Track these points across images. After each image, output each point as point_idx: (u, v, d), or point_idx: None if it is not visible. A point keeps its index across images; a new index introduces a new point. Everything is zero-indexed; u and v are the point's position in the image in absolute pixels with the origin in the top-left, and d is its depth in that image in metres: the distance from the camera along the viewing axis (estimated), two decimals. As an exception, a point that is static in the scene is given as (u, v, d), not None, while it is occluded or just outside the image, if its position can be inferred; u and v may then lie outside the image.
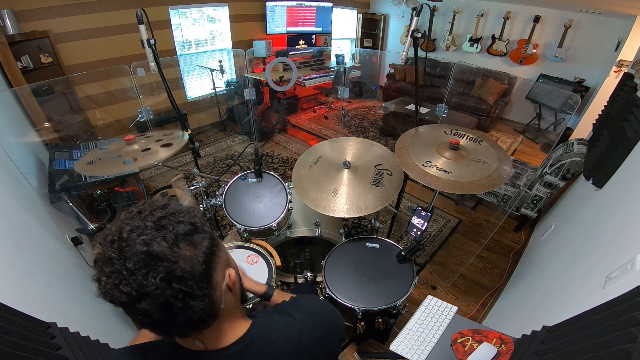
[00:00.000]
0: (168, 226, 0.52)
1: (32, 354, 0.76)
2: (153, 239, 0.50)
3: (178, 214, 0.55)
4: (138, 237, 0.49)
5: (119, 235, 0.50)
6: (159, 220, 0.52)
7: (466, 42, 5.20)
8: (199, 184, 1.86)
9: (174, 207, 0.56)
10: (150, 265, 0.48)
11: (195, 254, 0.53)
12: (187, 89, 4.23)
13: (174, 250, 0.50)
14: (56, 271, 1.46)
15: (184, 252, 0.51)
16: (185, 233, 0.52)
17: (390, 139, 4.39)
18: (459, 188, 1.33)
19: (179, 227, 0.52)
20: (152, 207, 0.55)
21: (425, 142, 1.56)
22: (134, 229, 0.50)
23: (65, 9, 2.95)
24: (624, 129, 1.64)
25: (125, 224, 0.51)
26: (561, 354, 0.81)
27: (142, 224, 0.51)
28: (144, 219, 0.52)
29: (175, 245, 0.51)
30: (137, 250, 0.48)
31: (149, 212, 0.54)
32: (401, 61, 1.56)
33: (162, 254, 0.49)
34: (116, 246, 0.49)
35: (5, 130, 1.96)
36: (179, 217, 0.54)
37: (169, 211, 0.54)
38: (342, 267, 1.52)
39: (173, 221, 0.53)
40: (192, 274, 0.51)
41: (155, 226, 0.51)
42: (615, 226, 1.28)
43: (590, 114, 3.81)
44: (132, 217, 0.53)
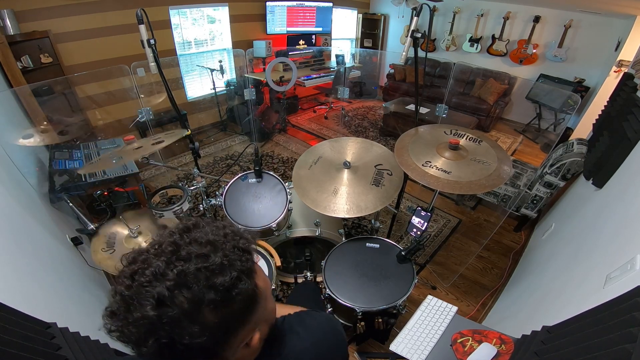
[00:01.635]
0: (194, 287, 0.43)
1: (32, 354, 0.76)
2: (170, 298, 0.42)
3: (216, 273, 0.44)
4: (155, 289, 0.42)
5: (137, 275, 0.43)
6: (185, 275, 0.43)
7: (466, 42, 5.20)
8: (199, 184, 1.86)
9: (216, 260, 0.45)
10: (155, 327, 0.41)
11: (217, 322, 0.44)
12: (187, 89, 4.23)
13: (190, 318, 0.42)
14: (56, 271, 1.46)
15: (202, 320, 0.43)
16: (212, 301, 0.43)
17: (390, 139, 4.39)
18: (458, 188, 1.33)
19: (208, 293, 0.43)
20: (189, 250, 0.45)
21: (425, 142, 1.56)
22: (154, 275, 0.43)
23: (65, 9, 2.95)
24: (624, 129, 1.64)
25: (151, 260, 0.44)
26: (561, 354, 0.81)
27: (164, 270, 0.43)
28: (172, 263, 0.44)
29: (196, 311, 0.42)
30: (147, 305, 0.41)
31: (185, 256, 0.45)
32: (401, 61, 1.56)
33: (174, 320, 0.42)
34: (130, 284, 0.43)
35: (5, 130, 1.96)
36: (215, 279, 0.44)
37: (207, 266, 0.44)
38: (342, 267, 1.52)
39: (204, 283, 0.43)
40: (203, 344, 0.43)
41: (179, 281, 0.42)
42: (615, 226, 1.28)
43: (590, 114, 3.81)
44: (161, 255, 0.45)
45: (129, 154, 1.56)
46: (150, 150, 1.56)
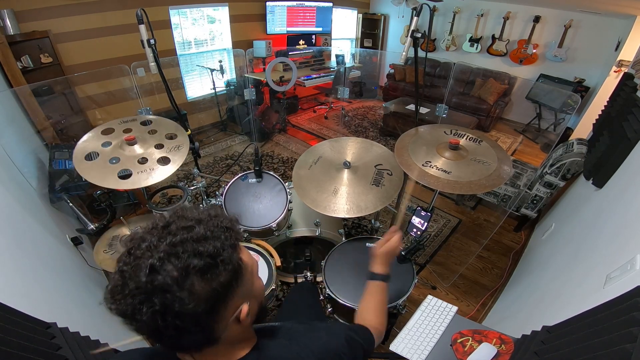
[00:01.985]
0: (181, 255, 0.47)
1: (32, 354, 0.76)
2: (160, 266, 0.46)
3: (200, 241, 0.49)
4: (148, 260, 0.46)
5: (135, 249, 0.48)
6: (174, 245, 0.48)
7: (466, 42, 5.20)
8: (199, 184, 1.86)
9: (199, 231, 0.50)
10: (148, 295, 0.45)
11: (205, 290, 0.48)
12: (187, 89, 4.23)
13: (179, 284, 0.46)
14: (56, 271, 1.46)
15: (191, 287, 0.46)
16: (199, 268, 0.47)
17: (390, 139, 4.39)
18: (458, 188, 1.33)
19: (193, 259, 0.47)
20: (177, 224, 0.51)
21: (426, 142, 1.56)
22: (150, 247, 0.48)
23: (65, 9, 2.95)
24: (624, 129, 1.64)
25: (147, 237, 0.49)
26: (561, 354, 0.81)
27: (156, 243, 0.48)
28: (164, 237, 0.49)
29: (184, 278, 0.46)
30: (140, 274, 0.45)
31: (174, 229, 0.50)
32: (401, 61, 1.56)
33: (165, 286, 0.45)
34: (128, 260, 0.48)
35: (5, 130, 1.96)
36: (200, 247, 0.49)
37: (191, 236, 0.49)
38: (342, 267, 1.52)
39: (190, 250, 0.48)
40: (194, 311, 0.47)
41: (168, 251, 0.47)
42: (615, 226, 1.28)
43: (590, 114, 3.81)
44: (154, 231, 0.50)
45: (132, 163, 1.48)
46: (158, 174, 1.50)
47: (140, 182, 1.43)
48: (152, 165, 1.50)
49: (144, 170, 1.47)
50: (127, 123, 1.66)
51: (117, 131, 1.59)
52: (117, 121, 1.65)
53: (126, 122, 1.66)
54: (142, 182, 1.43)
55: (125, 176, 1.43)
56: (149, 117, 1.73)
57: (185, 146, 1.63)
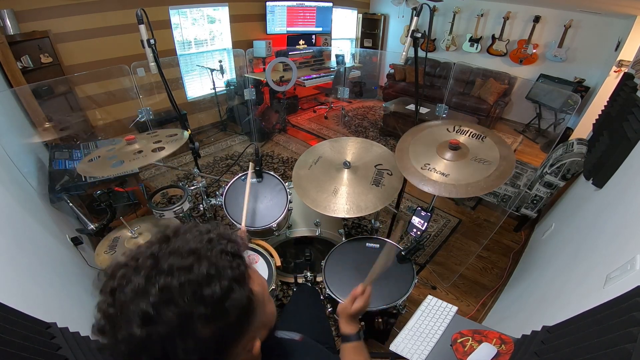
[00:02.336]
0: (180, 302, 0.39)
1: (32, 354, 0.76)
2: (157, 314, 0.38)
3: (202, 285, 0.41)
4: (137, 307, 0.38)
5: (117, 291, 0.40)
6: (169, 291, 0.39)
7: (466, 42, 5.20)
8: (199, 184, 1.86)
9: (201, 270, 0.41)
10: (144, 346, 0.39)
11: (213, 335, 0.41)
12: (187, 89, 4.23)
13: (181, 332, 0.39)
14: (56, 271, 1.46)
15: (195, 334, 0.40)
16: (203, 315, 0.40)
17: (390, 139, 4.39)
18: (455, 192, 1.32)
19: (196, 307, 0.40)
20: (170, 261, 0.42)
21: (426, 142, 1.56)
22: (134, 292, 0.39)
23: (65, 9, 2.95)
24: (624, 129, 1.64)
25: (130, 275, 0.41)
26: (561, 354, 0.81)
27: (145, 286, 0.40)
28: (153, 278, 0.40)
29: (187, 325, 0.39)
30: (132, 324, 0.38)
31: (166, 266, 0.41)
32: (401, 61, 1.56)
33: (164, 336, 0.39)
34: (109, 302, 0.40)
35: (5, 130, 1.96)
36: (202, 291, 0.40)
37: (191, 278, 0.40)
38: (342, 267, 1.52)
39: (189, 296, 0.40)
40: (201, 357, 0.41)
41: (163, 297, 0.39)
42: (615, 226, 1.28)
43: (590, 114, 3.81)
44: (140, 268, 0.41)
45: (128, 157, 1.51)
46: (151, 157, 1.51)
47: (132, 166, 1.49)
48: (146, 153, 1.55)
49: (136, 158, 1.51)
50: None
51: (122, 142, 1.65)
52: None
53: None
54: (133, 165, 1.49)
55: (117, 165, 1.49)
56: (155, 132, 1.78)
57: (180, 138, 1.66)
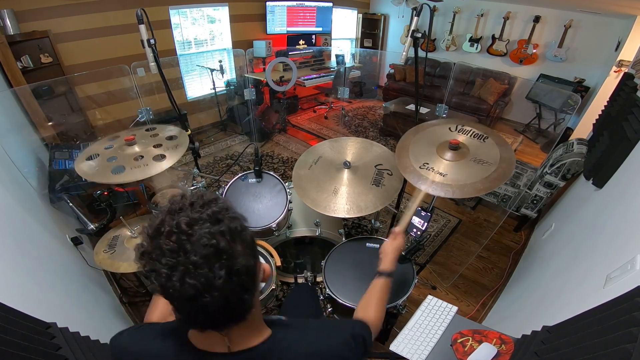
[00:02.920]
0: (224, 220, 0.53)
1: (32, 354, 0.76)
2: (215, 233, 0.50)
3: (229, 209, 0.56)
4: (200, 230, 0.50)
5: (177, 227, 0.50)
6: (215, 215, 0.53)
7: (466, 42, 5.20)
8: (199, 184, 1.86)
9: (224, 202, 0.57)
10: (215, 259, 0.49)
11: (246, 250, 0.54)
12: (187, 89, 4.23)
13: (232, 245, 0.51)
14: (56, 271, 1.46)
15: (239, 247, 0.53)
16: (239, 230, 0.54)
17: (390, 139, 4.39)
18: (451, 192, 1.32)
19: (233, 223, 0.54)
20: (202, 200, 0.55)
21: (427, 141, 1.55)
22: (193, 221, 0.51)
23: (65, 9, 2.95)
24: (624, 129, 1.64)
25: (181, 216, 0.51)
26: (561, 354, 0.81)
27: (198, 216, 0.51)
28: (199, 211, 0.52)
29: (232, 240, 0.52)
30: (202, 243, 0.49)
31: (201, 204, 0.54)
32: (401, 61, 1.56)
33: (224, 249, 0.50)
34: (175, 238, 0.49)
35: (5, 130, 1.96)
36: (232, 214, 0.55)
37: (222, 206, 0.55)
38: (342, 267, 1.52)
39: (228, 216, 0.54)
40: (247, 268, 0.53)
41: (212, 220, 0.52)
42: (615, 226, 1.28)
43: (590, 114, 3.81)
44: (183, 209, 0.53)
45: (129, 163, 1.48)
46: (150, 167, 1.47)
47: (134, 176, 1.44)
48: (147, 162, 1.50)
49: (138, 166, 1.48)
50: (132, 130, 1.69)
51: (121, 137, 1.62)
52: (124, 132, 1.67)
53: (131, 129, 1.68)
54: (135, 176, 1.44)
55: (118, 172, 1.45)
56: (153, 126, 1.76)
57: (183, 146, 1.63)
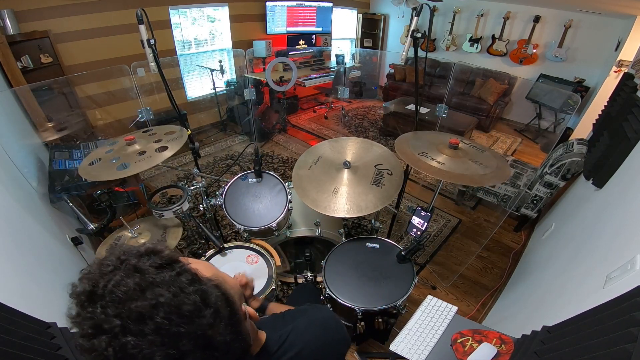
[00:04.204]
0: (184, 332, 0.40)
1: (32, 354, 0.76)
2: (151, 354, 0.38)
3: (180, 308, 0.41)
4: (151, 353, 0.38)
5: (117, 345, 0.37)
6: (165, 331, 0.39)
7: (466, 42, 5.20)
8: (199, 184, 1.86)
9: (165, 300, 0.40)
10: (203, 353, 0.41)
11: (219, 325, 0.44)
12: (187, 89, 4.23)
13: (209, 349, 0.42)
14: (56, 271, 1.46)
15: (217, 338, 0.43)
16: (194, 311, 0.41)
17: (390, 139, 4.39)
18: (447, 177, 1.34)
19: (198, 324, 0.42)
20: (137, 312, 0.38)
21: (428, 141, 1.57)
22: (135, 347, 0.37)
23: (65, 9, 2.95)
24: (624, 129, 1.64)
25: (117, 344, 0.37)
26: (561, 354, 0.81)
27: (140, 341, 0.38)
28: (140, 333, 0.38)
29: (206, 345, 0.42)
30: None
31: (136, 318, 0.38)
32: (401, 61, 1.56)
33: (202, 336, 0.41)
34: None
35: (5, 130, 1.96)
36: (186, 310, 0.41)
37: (167, 311, 0.40)
38: (342, 267, 1.52)
39: (184, 323, 0.40)
40: (225, 342, 0.45)
41: (167, 340, 0.39)
42: (615, 226, 1.28)
43: (590, 114, 3.81)
44: (118, 334, 0.38)
45: (133, 159, 1.51)
46: (156, 159, 1.52)
47: (140, 167, 1.48)
48: (150, 154, 1.54)
49: (142, 159, 1.52)
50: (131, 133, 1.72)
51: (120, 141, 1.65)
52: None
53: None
54: (141, 167, 1.48)
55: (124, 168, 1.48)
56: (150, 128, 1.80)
57: (182, 137, 1.67)
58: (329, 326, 0.73)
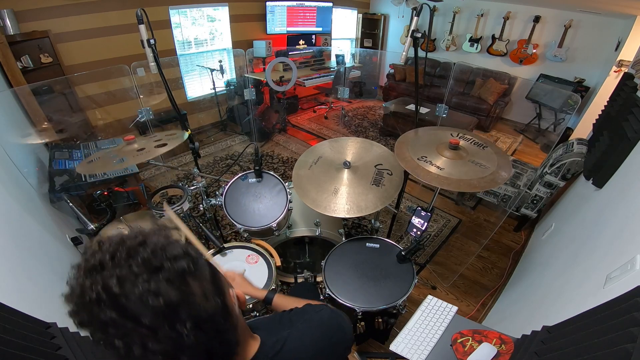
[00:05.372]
0: (164, 265, 0.43)
1: (32, 354, 0.76)
2: (158, 286, 0.41)
3: (167, 247, 0.45)
4: (137, 288, 0.40)
5: (106, 291, 0.40)
6: (147, 262, 0.42)
7: (466, 42, 5.20)
8: (199, 184, 1.86)
9: (155, 241, 0.45)
10: (173, 315, 0.41)
11: (207, 289, 0.46)
12: (187, 89, 4.23)
13: (185, 293, 0.43)
14: (56, 271, 1.46)
15: (196, 290, 0.45)
16: (189, 268, 0.45)
17: (390, 139, 4.39)
18: (446, 184, 1.33)
19: (178, 263, 0.44)
20: (126, 248, 0.43)
21: (428, 140, 1.57)
22: (122, 280, 0.40)
23: (65, 9, 2.95)
24: (624, 129, 1.64)
25: (105, 275, 0.41)
26: (561, 354, 0.81)
27: (126, 271, 0.41)
28: (127, 265, 0.42)
29: (184, 285, 0.43)
30: (150, 305, 0.40)
31: (125, 254, 0.43)
32: (401, 61, 1.56)
33: (178, 301, 0.42)
34: (111, 305, 0.40)
35: (5, 130, 1.96)
36: (172, 251, 0.45)
37: (154, 247, 0.44)
38: (342, 267, 1.52)
39: (167, 257, 0.44)
40: (215, 309, 0.46)
41: (148, 269, 0.42)
42: (615, 226, 1.28)
43: (590, 114, 3.81)
44: (105, 267, 0.42)
45: (131, 155, 1.54)
46: (153, 153, 1.54)
47: (137, 159, 1.54)
48: (148, 150, 1.57)
49: (140, 154, 1.55)
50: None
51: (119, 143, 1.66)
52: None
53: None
54: (138, 159, 1.54)
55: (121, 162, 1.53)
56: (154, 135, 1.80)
57: (182, 137, 1.69)
58: (330, 327, 0.71)
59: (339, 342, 0.71)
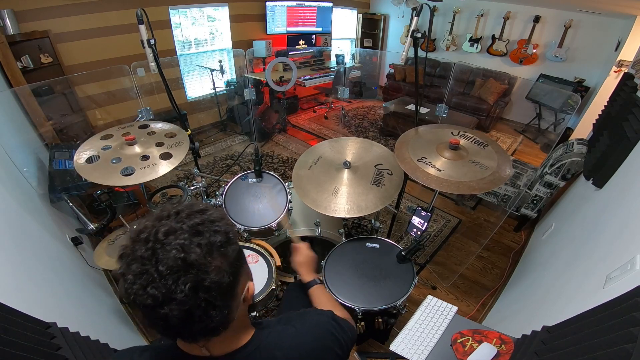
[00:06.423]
0: (205, 233, 0.52)
1: (32, 354, 0.76)
2: (189, 245, 0.49)
3: (215, 222, 0.55)
4: (174, 241, 0.49)
5: (154, 235, 0.50)
6: (195, 226, 0.52)
7: (466, 42, 5.20)
8: (199, 184, 1.86)
9: (212, 213, 0.56)
10: (182, 272, 0.48)
11: (225, 266, 0.53)
12: (187, 89, 4.23)
13: (206, 260, 0.50)
14: (56, 271, 1.46)
15: (215, 262, 0.51)
16: (219, 244, 0.53)
17: (390, 139, 4.39)
18: (446, 186, 1.33)
19: (215, 236, 0.53)
20: (190, 210, 0.55)
21: (428, 140, 1.57)
22: (171, 231, 0.50)
23: (65, 9, 2.95)
24: (624, 129, 1.64)
25: (162, 224, 0.51)
26: (561, 354, 0.81)
27: (178, 226, 0.51)
28: (181, 221, 0.52)
29: (208, 254, 0.51)
30: (172, 255, 0.48)
31: (186, 214, 0.54)
32: (401, 61, 1.56)
33: (195, 262, 0.49)
34: (150, 246, 0.49)
35: (5, 130, 1.96)
36: (216, 226, 0.54)
37: (207, 218, 0.54)
38: (342, 267, 1.52)
39: (210, 229, 0.53)
40: (219, 285, 0.51)
41: (191, 231, 0.51)
42: (615, 226, 1.28)
43: (590, 114, 3.81)
44: (169, 217, 0.53)
45: (136, 163, 1.48)
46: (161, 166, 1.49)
47: (145, 177, 1.44)
48: (155, 161, 1.51)
49: (147, 166, 1.48)
50: (125, 128, 1.68)
51: (116, 136, 1.61)
52: (115, 128, 1.67)
53: (124, 127, 1.69)
54: (147, 177, 1.44)
55: (129, 174, 1.44)
56: (146, 122, 1.76)
57: (185, 142, 1.65)
58: (324, 332, 0.72)
59: (330, 345, 0.71)
